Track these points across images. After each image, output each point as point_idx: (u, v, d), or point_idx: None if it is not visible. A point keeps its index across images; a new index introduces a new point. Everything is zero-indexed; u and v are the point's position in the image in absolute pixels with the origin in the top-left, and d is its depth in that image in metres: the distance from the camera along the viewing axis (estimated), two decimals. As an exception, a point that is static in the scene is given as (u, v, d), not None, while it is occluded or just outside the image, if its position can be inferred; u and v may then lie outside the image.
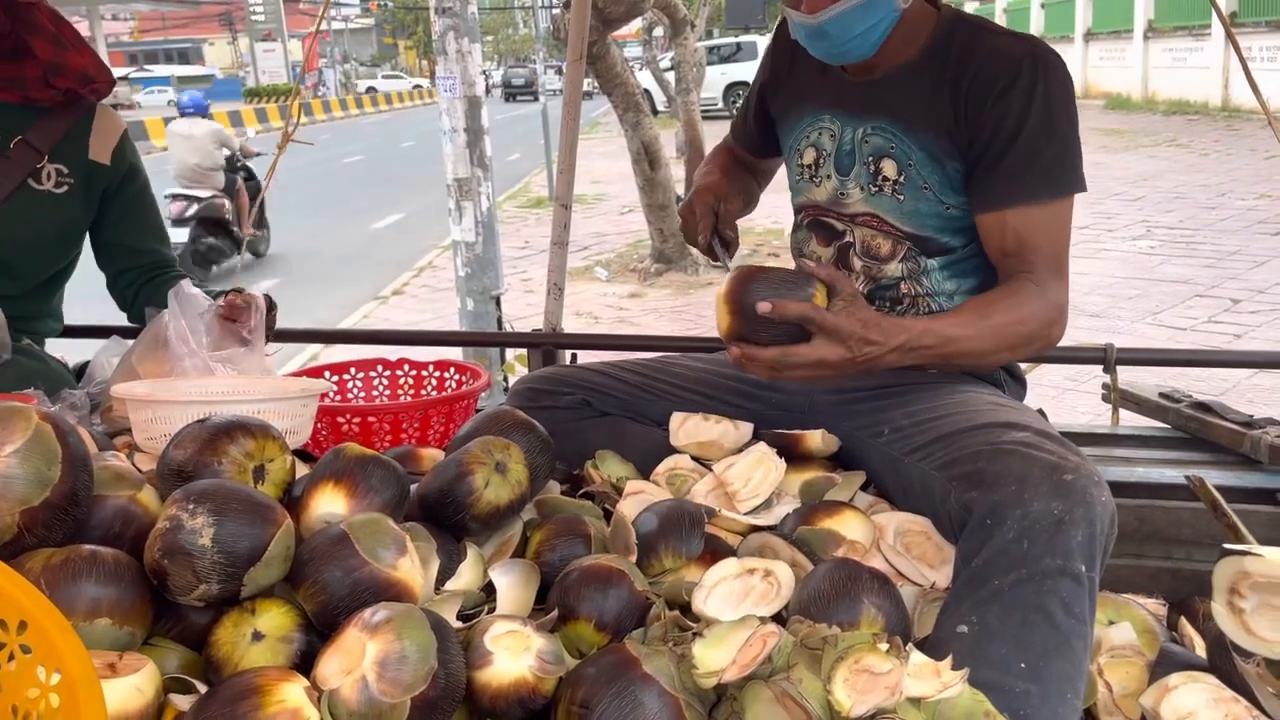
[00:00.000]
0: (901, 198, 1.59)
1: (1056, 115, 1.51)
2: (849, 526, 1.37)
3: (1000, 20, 27.03)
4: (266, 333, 1.89)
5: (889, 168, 1.60)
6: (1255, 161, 12.25)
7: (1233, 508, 1.40)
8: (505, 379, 2.89)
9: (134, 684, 1.00)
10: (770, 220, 9.52)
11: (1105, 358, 2.16)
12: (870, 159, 1.62)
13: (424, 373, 2.22)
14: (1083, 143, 1.55)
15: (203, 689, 1.04)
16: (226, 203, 9.31)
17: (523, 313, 6.31)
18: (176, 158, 9.13)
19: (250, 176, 9.82)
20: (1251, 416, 1.92)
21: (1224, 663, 1.24)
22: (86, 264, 2.14)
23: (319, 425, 1.83)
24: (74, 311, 2.19)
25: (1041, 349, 1.55)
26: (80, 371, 2.04)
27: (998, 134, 1.51)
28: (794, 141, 1.75)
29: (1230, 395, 4.59)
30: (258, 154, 10.04)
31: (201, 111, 9.45)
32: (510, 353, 3.37)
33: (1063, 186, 1.53)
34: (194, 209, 8.88)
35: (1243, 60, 2.30)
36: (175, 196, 8.89)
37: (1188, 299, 6.93)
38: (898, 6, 1.53)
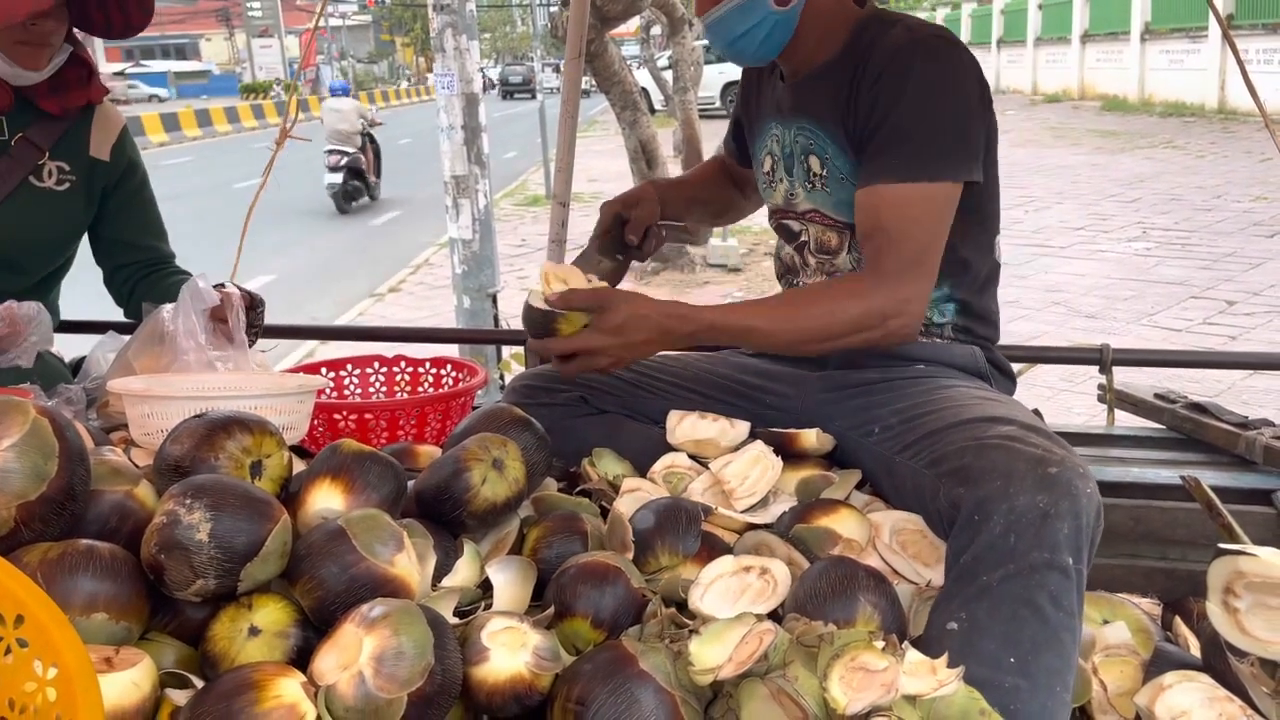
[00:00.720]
0: (829, 190, 1.63)
1: (929, 99, 1.47)
2: (845, 524, 1.37)
3: (997, 21, 27.09)
4: (251, 330, 1.88)
5: (815, 163, 1.63)
6: (1251, 164, 12.26)
7: (1228, 508, 1.41)
8: (502, 376, 2.89)
9: (130, 679, 1.00)
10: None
11: (1101, 358, 2.16)
12: (802, 157, 1.65)
13: (421, 369, 2.22)
14: (1079, 144, 1.55)
15: (199, 684, 1.04)
16: (362, 157, 12.97)
17: (519, 310, 6.30)
18: (329, 126, 12.61)
19: (373, 140, 13.32)
20: (1246, 417, 1.92)
21: (1218, 662, 1.25)
22: (83, 258, 2.13)
23: (316, 422, 1.83)
24: (70, 306, 2.18)
25: (877, 341, 1.49)
26: (76, 366, 2.03)
27: (870, 118, 1.51)
28: (756, 151, 1.80)
29: (1225, 396, 4.60)
30: (380, 124, 13.70)
31: (345, 92, 13.77)
32: (507, 350, 3.36)
33: (929, 170, 1.47)
34: (344, 161, 12.54)
35: (1240, 62, 2.31)
36: (330, 152, 12.43)
37: (1183, 300, 6.94)
38: (772, 9, 1.56)
